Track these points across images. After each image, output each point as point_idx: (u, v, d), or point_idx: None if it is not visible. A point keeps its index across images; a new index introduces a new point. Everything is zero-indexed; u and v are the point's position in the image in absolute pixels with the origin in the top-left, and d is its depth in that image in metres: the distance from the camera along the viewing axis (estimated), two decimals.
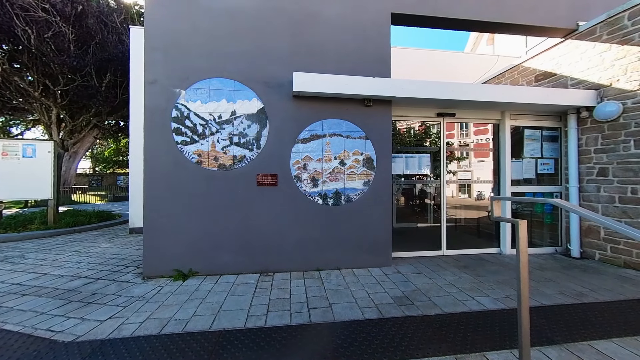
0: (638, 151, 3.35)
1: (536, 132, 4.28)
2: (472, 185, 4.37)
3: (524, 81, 4.91)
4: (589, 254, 3.84)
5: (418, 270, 3.37)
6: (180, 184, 3.22)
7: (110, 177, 24.14)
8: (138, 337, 1.95)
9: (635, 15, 3.39)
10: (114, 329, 2.07)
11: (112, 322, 2.16)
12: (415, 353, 1.77)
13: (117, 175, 23.90)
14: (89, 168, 28.77)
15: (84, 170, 27.73)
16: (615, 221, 1.13)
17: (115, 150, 24.85)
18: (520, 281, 1.38)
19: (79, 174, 22.74)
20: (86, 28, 6.90)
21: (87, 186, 18.19)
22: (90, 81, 7.19)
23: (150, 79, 3.21)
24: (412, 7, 3.67)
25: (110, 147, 24.98)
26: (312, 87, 3.26)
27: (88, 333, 2.01)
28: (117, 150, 24.64)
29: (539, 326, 2.07)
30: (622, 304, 2.46)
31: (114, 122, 11.43)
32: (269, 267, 3.31)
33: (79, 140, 10.42)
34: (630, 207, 3.40)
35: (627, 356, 1.74)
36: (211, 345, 1.86)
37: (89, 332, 2.02)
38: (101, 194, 16.71)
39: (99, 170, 27.41)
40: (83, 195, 14.17)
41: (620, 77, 3.54)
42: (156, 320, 2.19)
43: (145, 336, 1.97)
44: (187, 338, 1.94)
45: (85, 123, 8.69)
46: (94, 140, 13.51)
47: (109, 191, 16.19)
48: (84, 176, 24.08)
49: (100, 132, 11.12)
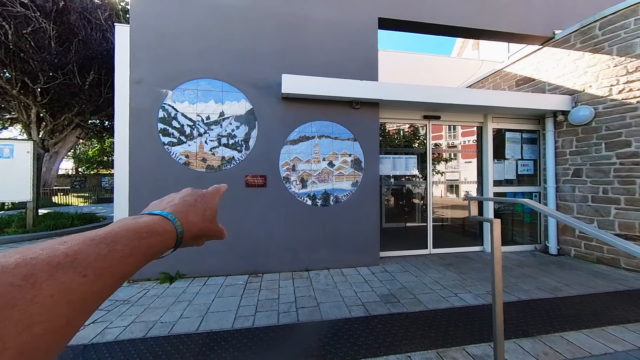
0: (608, 153, 3.56)
1: (517, 134, 4.47)
2: (459, 185, 4.52)
3: (505, 85, 5.11)
4: (565, 251, 4.04)
5: (405, 268, 3.46)
6: (167, 185, 3.18)
7: (95, 178, 23.33)
8: (122, 341, 1.93)
9: (605, 26, 3.60)
10: (96, 333, 2.03)
11: (95, 327, 2.12)
12: (399, 349, 1.83)
13: (102, 176, 23.13)
14: (72, 169, 27.73)
15: (66, 171, 26.71)
16: (569, 216, 1.22)
17: (99, 150, 24.05)
18: (495, 277, 1.46)
19: (60, 175, 21.89)
20: (68, 24, 6.67)
21: (70, 187, 17.51)
22: (72, 79, 6.95)
23: (136, 78, 3.16)
24: (398, 12, 3.77)
25: (95, 147, 24.15)
26: (301, 89, 3.29)
27: None
28: (101, 150, 23.85)
29: (516, 320, 2.18)
30: (592, 297, 2.61)
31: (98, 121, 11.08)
32: (258, 268, 3.31)
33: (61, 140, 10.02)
34: (601, 205, 3.61)
35: (594, 345, 1.86)
36: (198, 346, 1.86)
37: None
38: (85, 195, 16.14)
39: (83, 171, 26.45)
40: (65, 197, 13.64)
41: (592, 84, 3.75)
42: (141, 324, 2.16)
43: (130, 340, 1.94)
44: (173, 340, 1.93)
45: (67, 122, 8.39)
46: (76, 140, 13.03)
47: (92, 193, 15.65)
48: (67, 177, 23.19)
49: (84, 131, 10.74)
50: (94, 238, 0.27)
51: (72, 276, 0.22)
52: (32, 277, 0.20)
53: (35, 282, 0.20)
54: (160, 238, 0.34)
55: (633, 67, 3.36)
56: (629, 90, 3.39)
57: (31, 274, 0.21)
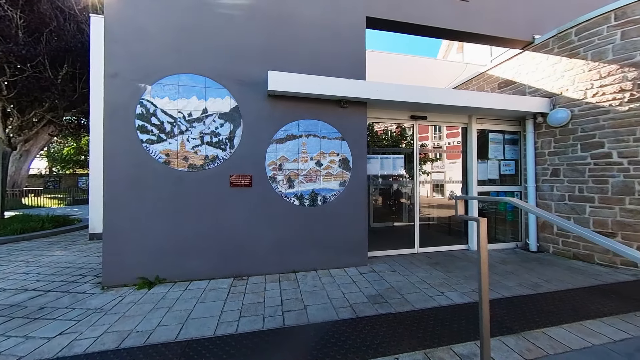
0: (584, 154, 3.72)
1: (499, 135, 4.60)
2: (445, 185, 4.59)
3: (488, 88, 5.26)
4: (545, 248, 4.20)
5: (393, 268, 3.46)
6: (145, 185, 3.01)
7: (70, 178, 22.06)
8: (92, 354, 1.78)
9: (581, 32, 3.77)
10: (63, 346, 1.87)
11: (63, 339, 1.95)
12: (387, 350, 1.80)
13: (79, 176, 21.91)
14: (45, 168, 26.11)
15: (39, 170, 25.11)
16: (547, 212, 1.23)
17: (76, 149, 22.78)
18: (481, 276, 1.45)
19: (32, 175, 20.55)
20: (39, 13, 6.23)
21: (42, 188, 16.46)
22: (43, 72, 6.50)
23: (110, 72, 2.97)
24: (385, 12, 3.77)
25: (71, 146, 22.85)
26: (288, 87, 3.22)
27: (32, 353, 1.80)
28: (78, 149, 22.61)
29: (500, 317, 2.21)
30: (570, 292, 2.71)
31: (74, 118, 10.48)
32: (243, 271, 3.20)
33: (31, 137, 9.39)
34: (577, 204, 3.77)
35: (573, 340, 1.91)
36: (176, 356, 1.75)
37: (33, 352, 1.81)
38: (59, 196, 15.21)
39: (57, 171, 24.96)
40: (36, 198, 12.79)
41: (569, 87, 3.91)
42: (115, 334, 2.01)
43: (101, 352, 1.80)
44: (149, 351, 1.80)
45: (37, 119, 7.86)
46: (49, 138, 12.25)
47: (68, 193, 14.77)
48: (39, 177, 21.79)
49: (57, 129, 10.11)
50: None
51: None
52: None
53: None
54: None
55: (605, 72, 3.53)
56: (602, 94, 3.56)
57: None
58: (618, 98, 3.42)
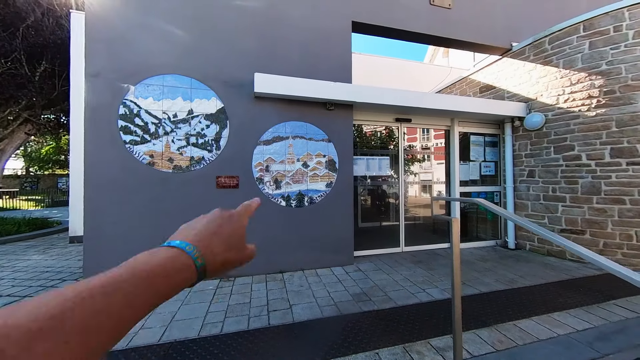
0: (556, 156, 3.94)
1: (480, 138, 4.79)
2: (432, 185, 4.73)
3: (471, 92, 5.46)
4: (522, 245, 4.41)
5: (378, 267, 3.55)
6: (129, 187, 2.97)
7: (50, 179, 21.14)
8: None
9: (554, 41, 3.99)
10: None
11: None
12: (368, 346, 1.87)
13: (58, 177, 21.02)
14: (22, 168, 24.89)
15: (14, 171, 23.91)
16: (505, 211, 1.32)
17: (55, 148, 21.83)
18: (454, 271, 1.54)
19: (7, 176, 19.57)
20: (14, 8, 5.97)
21: (19, 189, 15.68)
22: (19, 69, 6.24)
23: (92, 71, 2.91)
24: (370, 17, 3.86)
25: (50, 145, 21.87)
26: (274, 89, 3.25)
27: None
28: (57, 148, 21.67)
29: (476, 312, 2.33)
30: (542, 287, 2.87)
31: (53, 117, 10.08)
32: (229, 272, 3.21)
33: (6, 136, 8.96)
34: (551, 203, 3.99)
35: (541, 331, 2.05)
36: (158, 358, 1.75)
37: None
38: (37, 198, 14.53)
39: (35, 171, 23.84)
40: (12, 200, 12.18)
41: (543, 93, 4.13)
42: None
43: None
44: (130, 354, 1.80)
45: (13, 117, 7.51)
46: (26, 137, 11.71)
47: (47, 195, 14.14)
48: (15, 178, 20.76)
49: (35, 127, 9.69)
50: (93, 287, 0.23)
51: (50, 346, 0.19)
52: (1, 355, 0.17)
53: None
54: (172, 281, 0.30)
55: (575, 79, 3.76)
56: (572, 100, 3.79)
57: (0, 350, 0.17)
58: (587, 104, 3.65)
